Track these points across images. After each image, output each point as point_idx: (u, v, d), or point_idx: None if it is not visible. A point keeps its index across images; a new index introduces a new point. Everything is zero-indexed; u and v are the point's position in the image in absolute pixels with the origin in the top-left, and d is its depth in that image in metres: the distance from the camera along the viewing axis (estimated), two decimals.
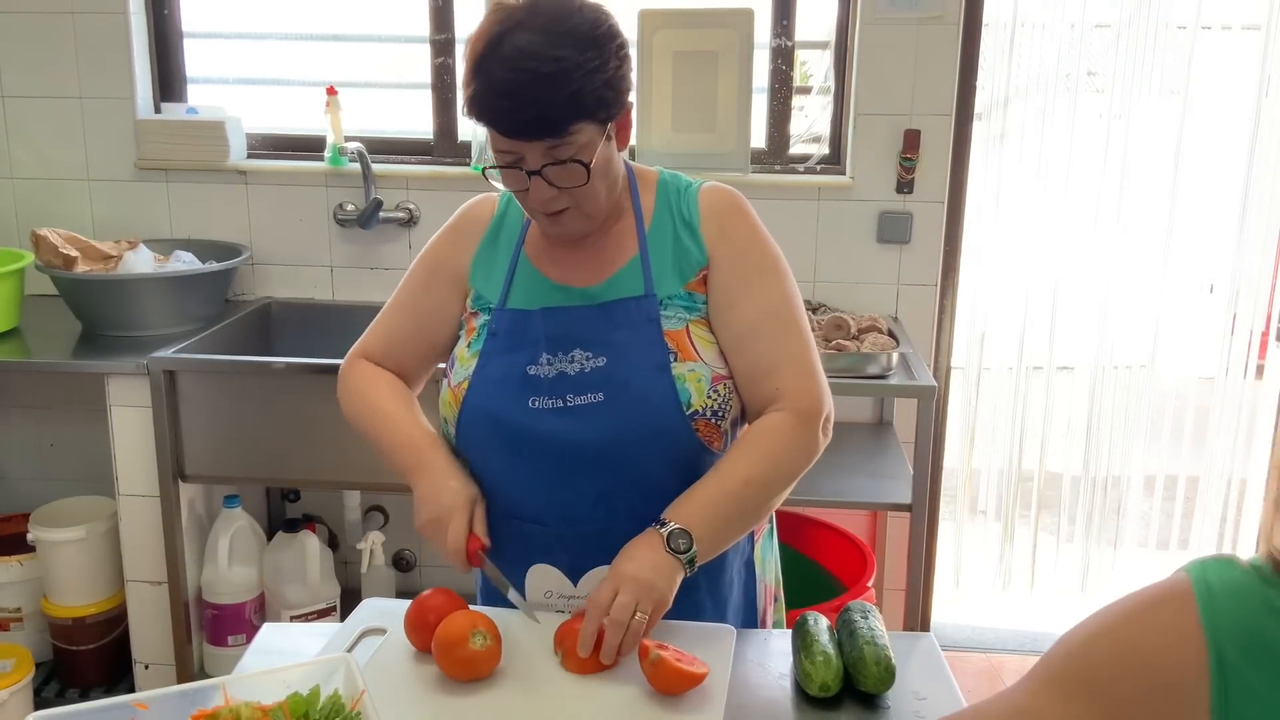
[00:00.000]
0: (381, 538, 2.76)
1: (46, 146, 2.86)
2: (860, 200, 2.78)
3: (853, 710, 1.24)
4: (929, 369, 2.67)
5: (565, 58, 1.22)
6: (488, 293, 1.43)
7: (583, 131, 1.25)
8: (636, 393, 1.32)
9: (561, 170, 1.27)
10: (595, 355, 1.34)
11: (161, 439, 2.36)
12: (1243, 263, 3.03)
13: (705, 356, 1.35)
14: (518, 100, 1.22)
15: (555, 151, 1.25)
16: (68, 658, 2.61)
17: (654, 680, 1.20)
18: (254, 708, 1.04)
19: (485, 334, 1.40)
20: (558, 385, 1.34)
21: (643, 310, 1.35)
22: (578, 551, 1.36)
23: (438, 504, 1.34)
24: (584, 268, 1.39)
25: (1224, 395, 3.14)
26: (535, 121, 1.23)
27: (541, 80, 1.21)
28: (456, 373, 1.41)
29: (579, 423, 1.33)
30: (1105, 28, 2.89)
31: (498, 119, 1.25)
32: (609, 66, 1.25)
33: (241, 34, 2.99)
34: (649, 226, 1.40)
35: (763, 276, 1.37)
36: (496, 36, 1.23)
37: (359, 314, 2.86)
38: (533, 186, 1.28)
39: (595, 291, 1.37)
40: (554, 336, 1.36)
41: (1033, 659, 0.88)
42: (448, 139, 2.92)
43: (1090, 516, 3.20)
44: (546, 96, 1.22)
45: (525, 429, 1.34)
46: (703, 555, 1.29)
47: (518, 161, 1.27)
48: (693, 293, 1.37)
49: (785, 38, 2.82)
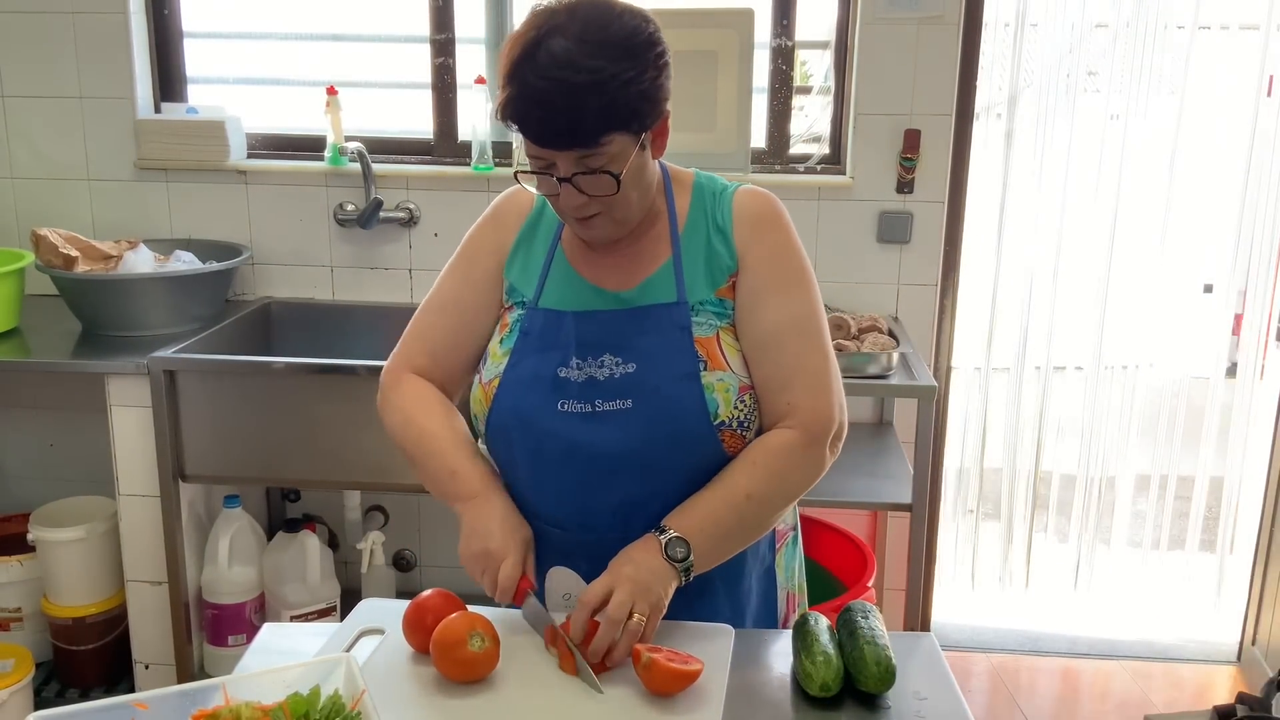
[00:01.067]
0: (381, 538, 2.76)
1: (46, 146, 2.86)
2: (860, 200, 2.78)
3: (853, 710, 1.24)
4: (929, 369, 2.68)
5: (601, 68, 1.20)
6: (523, 286, 1.42)
7: (614, 142, 1.24)
8: (665, 401, 1.32)
9: (592, 179, 1.26)
10: (625, 361, 1.34)
11: (161, 439, 2.36)
12: (1242, 263, 3.04)
13: (733, 365, 1.35)
14: (550, 109, 1.21)
15: (586, 161, 1.25)
16: (68, 658, 2.61)
17: (649, 683, 1.19)
18: (254, 708, 1.04)
19: (518, 332, 1.39)
20: (587, 390, 1.34)
21: (674, 317, 1.35)
22: (597, 556, 1.34)
23: (490, 537, 1.33)
24: (618, 270, 1.39)
25: (1222, 395, 3.14)
26: (566, 131, 1.22)
27: (575, 90, 1.20)
28: (488, 369, 1.40)
29: (606, 429, 1.33)
30: (1104, 28, 2.89)
31: (529, 125, 1.24)
32: (645, 77, 1.24)
33: (241, 34, 2.99)
34: (683, 230, 1.39)
35: (789, 286, 1.37)
36: (533, 42, 1.22)
37: (359, 314, 2.87)
38: (563, 193, 1.28)
39: (628, 296, 1.37)
40: (585, 341, 1.35)
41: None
42: (448, 139, 2.92)
43: (1088, 516, 3.21)
44: (579, 107, 1.21)
45: (552, 432, 1.34)
46: (699, 565, 1.29)
47: (549, 167, 1.27)
48: (723, 299, 1.37)
49: (785, 38, 2.82)
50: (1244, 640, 3.10)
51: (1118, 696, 2.94)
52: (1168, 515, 3.27)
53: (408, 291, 2.88)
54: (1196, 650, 3.16)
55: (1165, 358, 3.10)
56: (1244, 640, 3.10)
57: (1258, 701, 2.21)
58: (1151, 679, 3.01)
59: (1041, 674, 3.03)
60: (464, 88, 2.87)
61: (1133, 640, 3.20)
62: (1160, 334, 3.07)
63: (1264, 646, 2.98)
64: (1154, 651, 3.15)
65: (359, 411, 2.34)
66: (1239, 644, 3.12)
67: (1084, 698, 2.95)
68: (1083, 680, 3.02)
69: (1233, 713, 2.19)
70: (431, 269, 2.82)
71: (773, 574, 1.49)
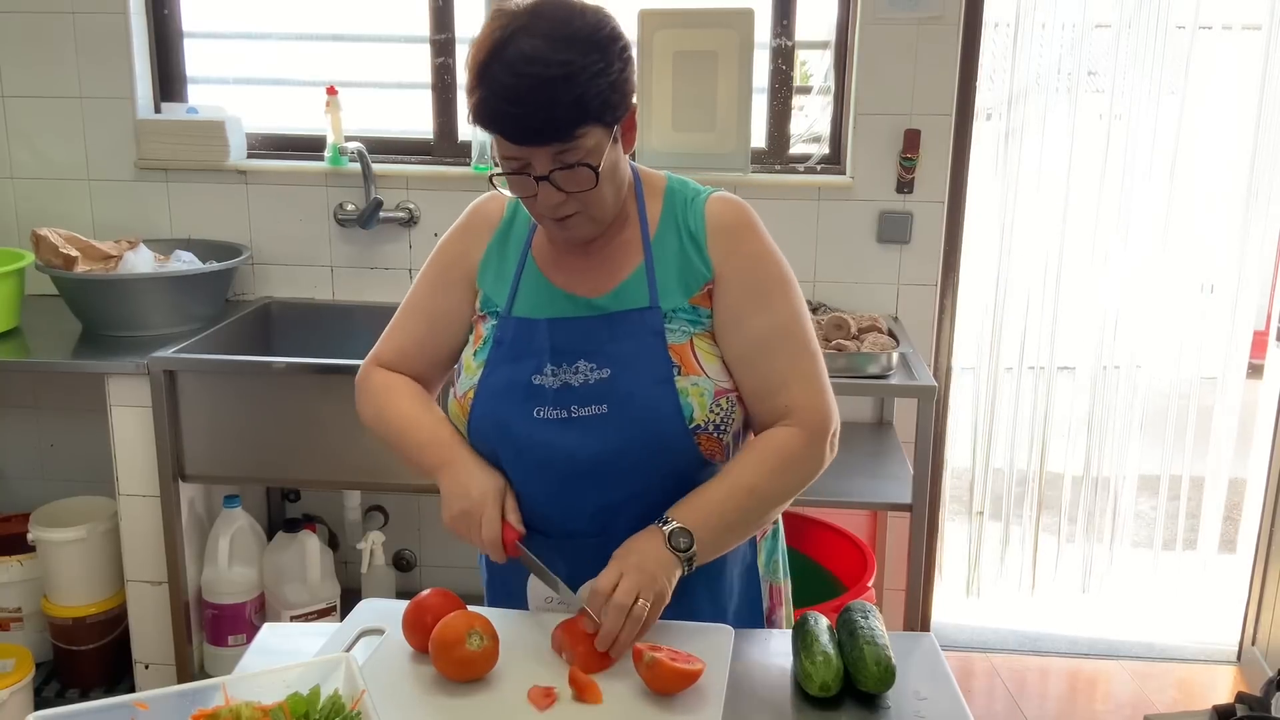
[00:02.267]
0: (381, 538, 2.76)
1: (46, 146, 2.86)
2: (860, 200, 2.78)
3: (853, 710, 1.24)
4: (929, 369, 2.68)
5: (570, 61, 1.21)
6: (495, 295, 1.42)
7: (589, 135, 1.25)
8: (640, 406, 1.32)
9: (569, 174, 1.26)
10: (600, 367, 1.34)
11: (161, 439, 2.36)
12: (1242, 263, 3.03)
13: (709, 370, 1.35)
14: (523, 105, 1.22)
15: (563, 156, 1.25)
16: (68, 658, 2.61)
17: (651, 682, 1.19)
18: (254, 708, 1.04)
19: (491, 342, 1.40)
20: (562, 396, 1.34)
21: (647, 322, 1.35)
22: (576, 560, 1.35)
23: (466, 496, 1.34)
24: (590, 276, 1.39)
25: (1224, 395, 3.14)
26: (542, 127, 1.23)
27: (547, 84, 1.21)
28: (462, 383, 1.41)
29: (582, 434, 1.33)
30: (1105, 28, 2.89)
31: (504, 124, 1.24)
32: (613, 69, 1.25)
33: (241, 34, 2.99)
34: (654, 235, 1.39)
35: (770, 293, 1.37)
36: (500, 42, 1.23)
37: (359, 314, 2.87)
38: (540, 192, 1.28)
39: (601, 303, 1.37)
40: (559, 348, 1.36)
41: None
42: (448, 139, 2.92)
43: (1089, 516, 3.21)
44: (552, 100, 1.21)
45: (529, 439, 1.34)
46: (702, 557, 1.30)
47: (524, 167, 1.27)
48: (697, 307, 1.37)
49: (785, 38, 2.82)
50: (1244, 640, 3.10)
51: (1118, 696, 2.94)
52: (1164, 515, 3.27)
53: (407, 291, 2.86)
54: (1196, 650, 3.16)
55: (1166, 358, 3.10)
56: (1244, 640, 3.10)
57: (1258, 701, 2.20)
58: (1151, 679, 3.01)
59: (1041, 674, 3.03)
60: (464, 88, 2.87)
61: (1133, 640, 3.20)
62: (1161, 334, 3.07)
63: (1264, 646, 2.98)
64: (1154, 651, 3.15)
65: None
66: (1239, 644, 3.12)
67: (1084, 698, 2.95)
68: (1083, 680, 3.02)
69: (1233, 713, 2.19)
70: None
71: (754, 570, 1.49)
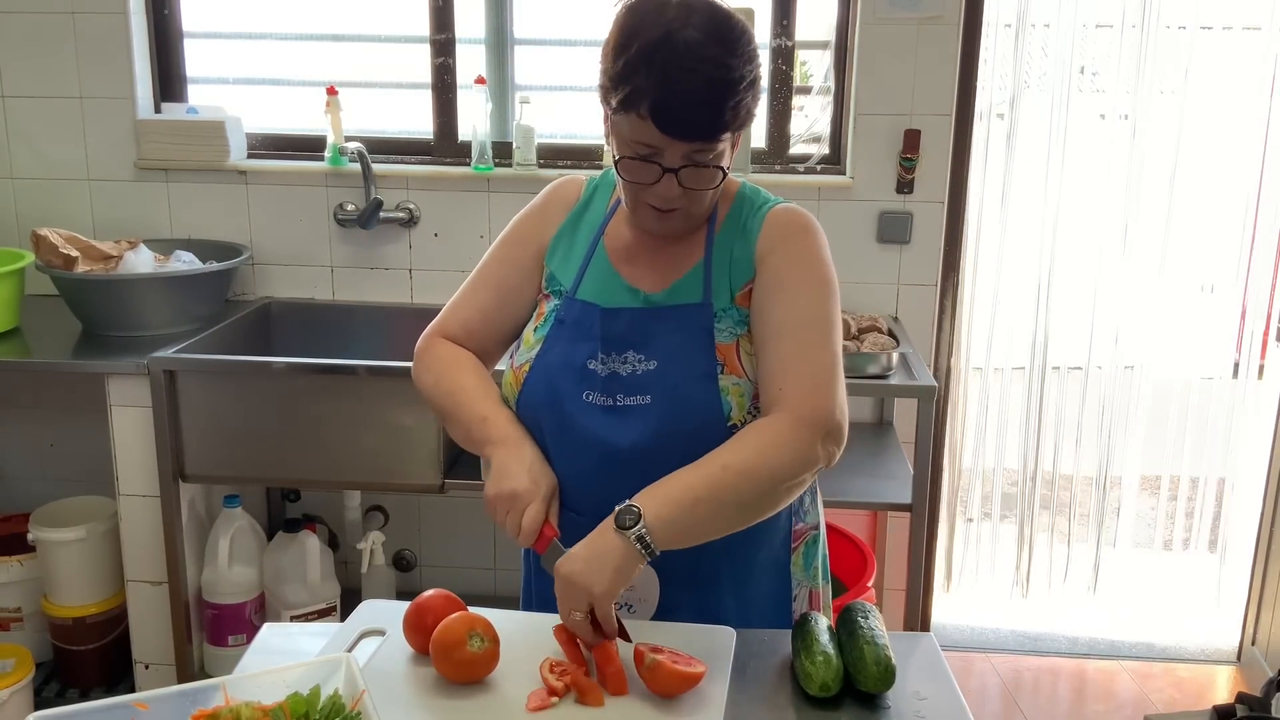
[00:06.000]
0: (381, 538, 2.76)
1: (46, 146, 2.86)
2: (860, 200, 2.78)
3: (853, 710, 1.24)
4: (929, 369, 2.68)
5: (735, 66, 1.24)
6: (562, 276, 1.44)
7: (726, 139, 1.28)
8: (682, 399, 1.34)
9: (698, 172, 1.28)
10: (648, 358, 1.36)
11: (161, 439, 2.36)
12: (1243, 263, 3.03)
13: (749, 372, 1.36)
14: (687, 100, 1.23)
15: (699, 154, 1.27)
16: (68, 658, 2.61)
17: (652, 684, 1.19)
18: (254, 708, 1.04)
19: (553, 320, 1.42)
20: (609, 384, 1.36)
21: (697, 318, 1.37)
22: None
23: (519, 480, 1.33)
24: (654, 271, 1.41)
25: (1224, 395, 3.14)
26: (702, 123, 1.25)
27: (714, 85, 1.23)
28: (520, 355, 1.43)
29: (624, 422, 1.35)
30: (1106, 28, 2.89)
31: (665, 115, 1.24)
32: (758, 82, 1.28)
33: (241, 34, 2.99)
34: (718, 235, 1.41)
35: (801, 288, 1.37)
36: (666, 32, 1.23)
37: (359, 314, 2.87)
38: (663, 183, 1.29)
39: (657, 298, 1.39)
40: (610, 336, 1.38)
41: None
42: (448, 139, 2.92)
43: (1089, 516, 3.21)
44: (719, 101, 1.23)
45: (575, 420, 1.36)
46: (662, 532, 1.24)
47: (656, 155, 1.28)
48: (740, 307, 1.38)
49: (785, 38, 2.82)
50: (1244, 640, 3.10)
51: (1118, 696, 2.94)
52: (1163, 515, 3.27)
53: (408, 291, 2.88)
54: (1196, 650, 3.16)
55: (1166, 358, 3.10)
56: (1244, 640, 3.10)
57: (1258, 701, 2.20)
58: (1151, 679, 3.01)
59: (1041, 674, 3.03)
60: (464, 88, 2.87)
61: (1133, 640, 3.20)
62: (1161, 334, 3.07)
63: (1264, 646, 2.98)
64: (1154, 652, 3.15)
65: (359, 411, 2.34)
66: (1239, 644, 3.12)
67: (1084, 698, 2.95)
68: (1083, 680, 3.02)
69: (1233, 713, 2.19)
70: (431, 269, 2.83)
71: (787, 573, 1.48)
